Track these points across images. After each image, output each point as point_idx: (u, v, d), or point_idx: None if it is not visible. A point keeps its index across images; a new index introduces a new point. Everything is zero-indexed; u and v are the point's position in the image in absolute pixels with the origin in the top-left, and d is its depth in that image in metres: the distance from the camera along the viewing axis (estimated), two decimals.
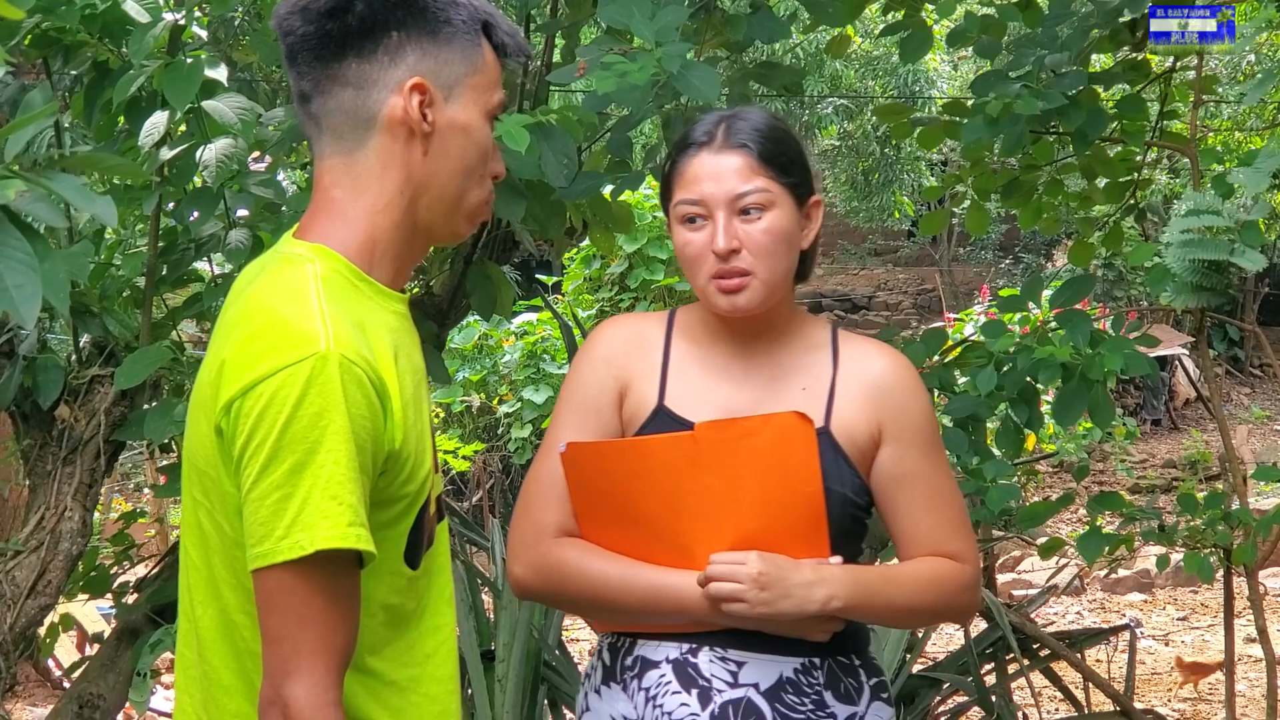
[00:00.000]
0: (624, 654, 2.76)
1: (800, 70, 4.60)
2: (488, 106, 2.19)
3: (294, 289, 2.07)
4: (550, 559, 2.71)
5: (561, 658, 4.62)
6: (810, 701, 2.67)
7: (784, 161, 2.67)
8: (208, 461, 2.09)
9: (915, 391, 2.77)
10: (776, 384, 2.73)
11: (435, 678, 2.24)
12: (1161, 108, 5.39)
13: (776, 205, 2.65)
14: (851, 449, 2.70)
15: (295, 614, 1.98)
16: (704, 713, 2.65)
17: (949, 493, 2.77)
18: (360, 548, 1.99)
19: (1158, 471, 15.51)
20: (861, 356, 2.77)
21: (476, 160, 2.19)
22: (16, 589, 4.06)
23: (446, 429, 13.17)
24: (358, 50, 2.11)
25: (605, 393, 2.76)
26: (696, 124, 2.73)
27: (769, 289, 2.66)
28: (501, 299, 4.21)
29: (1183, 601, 10.74)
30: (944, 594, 2.72)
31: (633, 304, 14.13)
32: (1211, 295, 4.18)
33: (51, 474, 4.12)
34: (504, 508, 11.90)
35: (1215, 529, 4.77)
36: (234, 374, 2.02)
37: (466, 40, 2.15)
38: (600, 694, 2.79)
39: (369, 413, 2.02)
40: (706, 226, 2.65)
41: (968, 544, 2.75)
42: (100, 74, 3.87)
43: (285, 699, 1.98)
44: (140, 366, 3.77)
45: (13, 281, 2.07)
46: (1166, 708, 7.99)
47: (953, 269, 23.54)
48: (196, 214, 3.81)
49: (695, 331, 2.80)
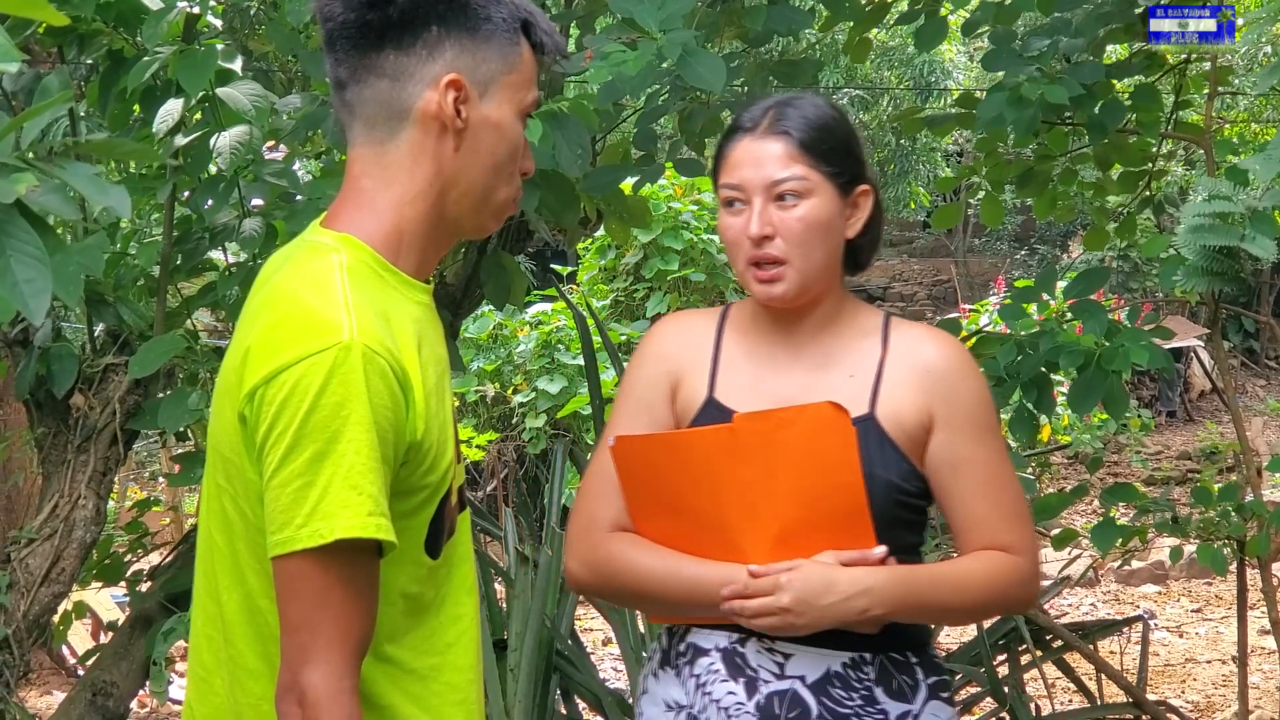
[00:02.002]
0: (678, 640, 2.77)
1: (818, 63, 4.60)
2: (521, 105, 2.18)
3: (319, 278, 2.08)
4: (601, 553, 2.72)
5: (574, 647, 4.62)
6: (859, 697, 2.65)
7: (825, 150, 2.66)
8: (231, 448, 2.10)
9: (967, 376, 2.73)
10: (824, 372, 2.72)
11: (456, 666, 2.25)
12: (1176, 99, 5.37)
13: (814, 194, 2.64)
14: (899, 435, 2.67)
15: (313, 602, 1.99)
16: (750, 702, 2.66)
17: (1004, 480, 2.72)
18: (380, 537, 2.00)
19: (1172, 463, 15.46)
20: (911, 341, 2.75)
21: (507, 157, 2.19)
22: (30, 576, 4.07)
23: (461, 418, 13.16)
24: (396, 42, 2.11)
25: (657, 388, 2.78)
26: (748, 109, 2.73)
27: (804, 278, 2.66)
28: (515, 289, 4.21)
29: (1197, 593, 10.70)
30: (996, 591, 2.69)
31: (647, 294, 14.10)
32: (1222, 281, 4.16)
33: (66, 462, 4.13)
34: (517, 497, 11.89)
35: (1229, 521, 4.77)
36: (258, 361, 2.03)
37: (505, 38, 2.14)
38: (657, 677, 2.80)
39: (391, 403, 2.02)
40: (745, 211, 2.65)
41: (1023, 534, 2.71)
42: (115, 63, 3.88)
43: (302, 686, 1.98)
44: (154, 355, 3.78)
45: (23, 276, 2.08)
46: (1180, 699, 7.97)
47: (968, 260, 23.49)
48: (211, 202, 3.81)
49: (746, 323, 2.80)
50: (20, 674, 4.17)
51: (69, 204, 2.21)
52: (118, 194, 2.27)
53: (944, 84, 19.07)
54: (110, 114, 3.98)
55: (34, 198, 2.13)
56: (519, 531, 4.80)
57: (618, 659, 7.83)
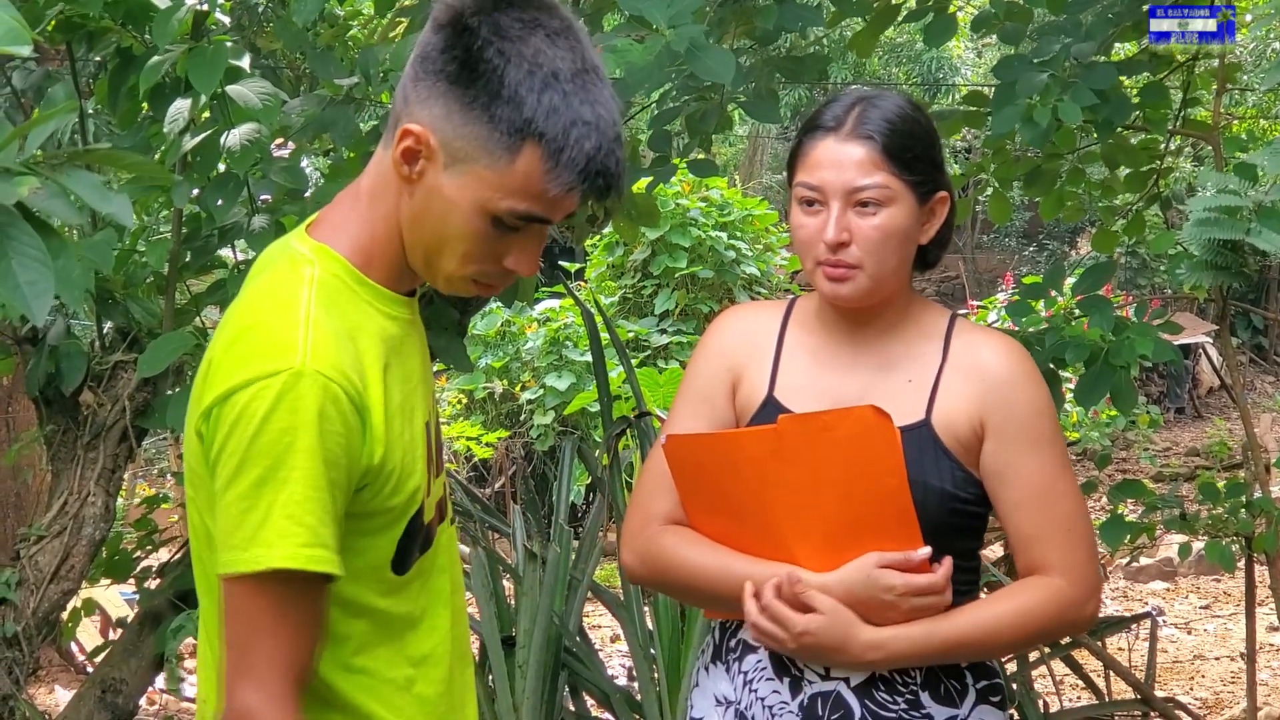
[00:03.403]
0: (729, 636, 2.76)
1: (825, 59, 4.58)
2: (487, 203, 2.05)
3: (285, 295, 2.07)
4: (654, 548, 2.71)
5: (582, 644, 4.62)
6: (904, 700, 2.62)
7: (910, 158, 2.59)
8: (195, 458, 2.10)
9: (1024, 383, 2.66)
10: (883, 375, 2.68)
11: (430, 679, 2.25)
12: (1184, 95, 5.36)
13: (895, 202, 2.58)
14: (953, 442, 2.63)
15: (249, 624, 2.00)
16: (793, 702, 2.65)
17: (1056, 494, 2.64)
18: (316, 569, 1.99)
19: (1180, 460, 15.46)
20: (971, 347, 2.69)
21: (456, 237, 2.08)
22: (40, 573, 4.08)
23: (469, 415, 13.19)
24: (425, 70, 2.06)
25: (718, 383, 2.76)
26: (830, 105, 2.66)
27: (875, 283, 2.61)
28: (523, 285, 4.21)
29: (1205, 590, 10.71)
30: (1035, 628, 2.63)
31: (655, 291, 14.11)
32: (1227, 275, 4.16)
33: (75, 459, 4.13)
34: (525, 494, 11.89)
35: (1237, 517, 4.76)
36: (215, 379, 2.02)
37: (496, 135, 2.02)
38: (708, 671, 2.79)
39: (343, 429, 2.01)
40: (821, 213, 2.59)
41: (1074, 554, 2.62)
42: (124, 60, 3.88)
43: (238, 707, 2.00)
44: (163, 353, 3.78)
45: (25, 278, 2.07)
46: (1188, 696, 7.97)
47: (976, 256, 23.50)
48: (221, 201, 3.81)
49: (810, 320, 2.76)
50: (29, 671, 4.18)
51: (71, 208, 2.21)
52: (120, 202, 2.27)
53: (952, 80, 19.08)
54: (120, 112, 3.98)
55: (36, 200, 2.12)
56: (527, 529, 4.81)
57: (626, 656, 7.83)
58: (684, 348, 13.30)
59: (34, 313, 2.08)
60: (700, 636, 4.26)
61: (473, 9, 2.03)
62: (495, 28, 2.01)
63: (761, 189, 22.89)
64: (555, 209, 2.08)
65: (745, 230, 14.46)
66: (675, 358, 13.12)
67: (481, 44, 2.01)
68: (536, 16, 2.04)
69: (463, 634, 2.37)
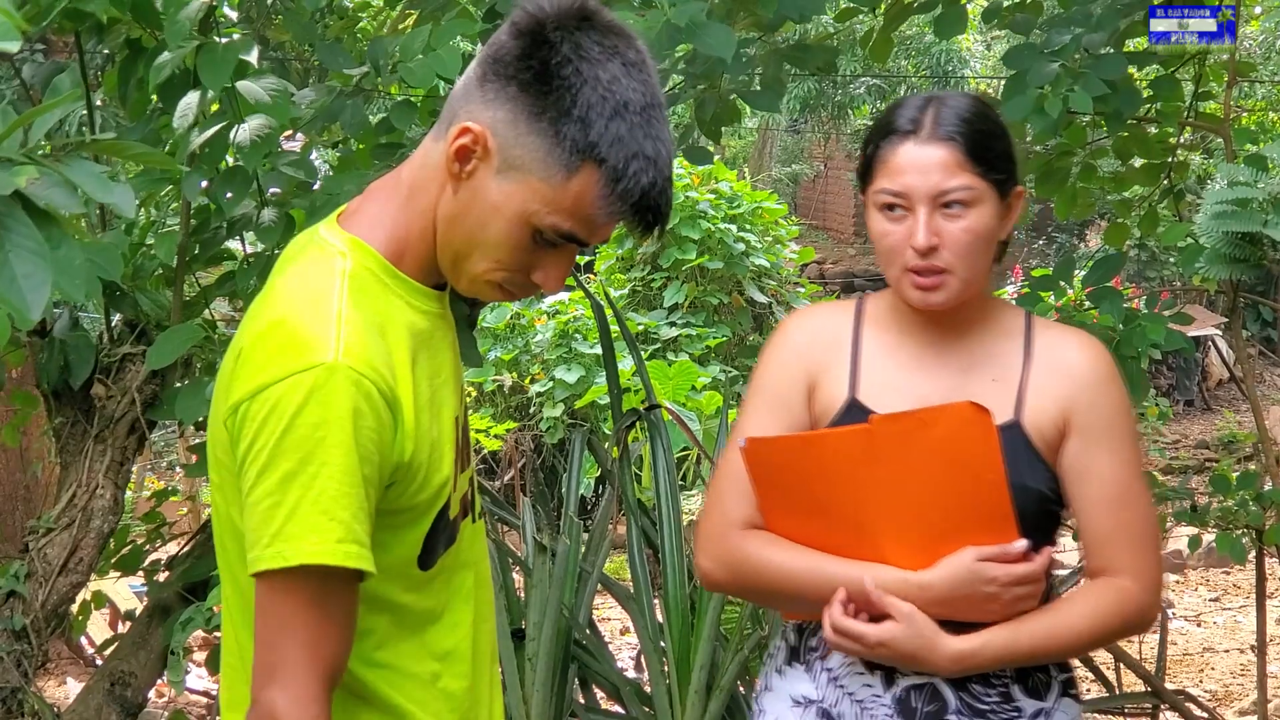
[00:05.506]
0: (809, 635, 2.74)
1: (834, 49, 4.58)
2: (531, 215, 2.04)
3: (317, 287, 2.06)
4: (737, 553, 2.68)
5: (592, 637, 4.62)
6: (996, 694, 2.63)
7: (992, 156, 2.58)
8: (222, 449, 2.09)
9: (1108, 384, 2.67)
10: (967, 375, 2.67)
11: (456, 674, 2.25)
12: (1196, 88, 5.35)
13: (980, 202, 2.56)
14: (1040, 442, 2.63)
15: (279, 622, 1.99)
16: (887, 694, 2.64)
17: (1131, 496, 2.66)
18: (349, 565, 1.98)
19: (1190, 452, 15.45)
20: (1055, 345, 2.69)
21: (490, 241, 2.07)
22: (49, 566, 4.08)
23: (479, 408, 13.18)
24: (495, 71, 2.04)
25: (795, 386, 2.73)
26: (899, 108, 2.63)
27: (965, 286, 2.59)
28: None
29: (1215, 582, 10.70)
30: (1105, 630, 2.66)
31: (665, 283, 14.12)
32: (1244, 267, 4.15)
33: (83, 452, 4.13)
34: (535, 487, 11.90)
35: (1247, 510, 4.76)
36: (245, 374, 2.02)
37: (558, 150, 2.01)
38: (783, 674, 2.78)
39: (376, 425, 2.00)
40: (906, 219, 2.56)
41: (1143, 558, 2.65)
42: (133, 52, 3.87)
43: (267, 705, 1.99)
44: (172, 345, 3.77)
45: (21, 271, 2.04)
46: (1198, 688, 7.96)
47: None
48: (230, 194, 3.81)
49: (885, 321, 2.74)
50: (38, 664, 4.18)
51: (73, 198, 2.18)
52: (122, 192, 2.25)
53: (961, 72, 19.05)
54: (130, 104, 3.97)
55: (36, 190, 2.10)
56: (537, 521, 4.80)
57: (635, 648, 7.83)
58: (693, 340, 13.30)
59: (30, 306, 2.05)
60: (745, 637, 4.27)
61: (555, 23, 2.03)
62: (577, 47, 2.01)
63: (771, 182, 22.90)
64: (596, 233, 2.09)
65: (755, 223, 14.46)
66: (684, 350, 13.12)
67: (561, 60, 2.00)
68: (616, 45, 2.04)
69: (489, 630, 2.37)
